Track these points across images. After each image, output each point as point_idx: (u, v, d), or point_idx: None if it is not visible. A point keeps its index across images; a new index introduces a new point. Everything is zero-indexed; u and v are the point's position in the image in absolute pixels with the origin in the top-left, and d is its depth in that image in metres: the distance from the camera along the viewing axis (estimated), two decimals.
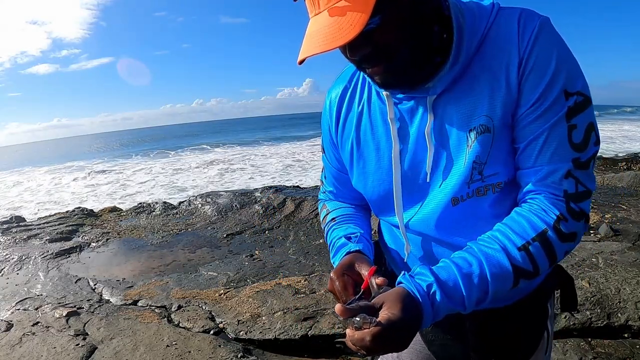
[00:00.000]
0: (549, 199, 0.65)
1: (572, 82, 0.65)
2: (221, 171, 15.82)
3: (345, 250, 0.82)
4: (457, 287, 0.62)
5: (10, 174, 21.74)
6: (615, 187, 5.27)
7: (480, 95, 0.68)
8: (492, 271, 0.63)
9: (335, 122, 0.87)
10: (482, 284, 0.63)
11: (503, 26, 0.67)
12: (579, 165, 0.65)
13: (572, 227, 0.65)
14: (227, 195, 5.92)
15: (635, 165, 7.62)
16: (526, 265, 0.64)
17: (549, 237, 0.64)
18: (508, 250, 0.64)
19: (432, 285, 0.62)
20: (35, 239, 4.77)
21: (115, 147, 41.59)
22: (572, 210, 0.65)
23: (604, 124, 28.22)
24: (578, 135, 0.64)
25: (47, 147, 71.75)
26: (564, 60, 0.65)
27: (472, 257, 0.64)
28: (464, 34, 0.67)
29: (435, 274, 0.63)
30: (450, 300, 0.62)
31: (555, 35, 0.66)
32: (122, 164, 22.22)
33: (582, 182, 0.65)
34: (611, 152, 12.83)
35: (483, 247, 0.65)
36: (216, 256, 4.02)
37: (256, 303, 2.76)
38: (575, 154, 0.64)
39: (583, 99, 0.65)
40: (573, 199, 0.65)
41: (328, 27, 0.60)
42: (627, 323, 2.16)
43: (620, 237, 3.36)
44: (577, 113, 0.64)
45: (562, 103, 0.64)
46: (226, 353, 2.24)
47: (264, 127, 66.04)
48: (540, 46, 0.64)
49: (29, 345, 2.44)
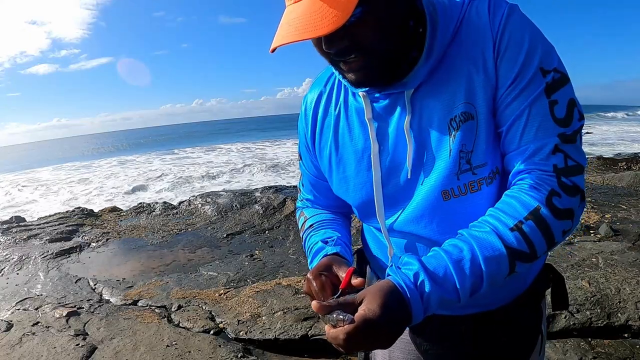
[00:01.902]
0: (538, 176, 0.63)
1: (547, 60, 0.64)
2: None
3: (322, 253, 0.79)
4: (448, 274, 0.58)
5: (10, 174, 21.72)
6: (615, 187, 5.27)
7: (458, 84, 0.67)
8: (485, 254, 0.59)
9: (312, 128, 0.84)
10: (474, 269, 0.59)
11: (474, 15, 0.68)
12: (565, 139, 0.63)
13: (566, 203, 0.61)
14: (227, 195, 5.92)
15: (635, 165, 7.62)
16: (521, 247, 0.60)
17: (543, 215, 0.60)
18: (499, 232, 0.60)
19: (419, 274, 0.58)
20: (35, 239, 4.77)
21: (110, 150, 40.17)
22: (564, 184, 0.62)
23: (602, 124, 28.20)
24: (560, 110, 0.63)
25: (47, 147, 71.65)
26: (537, 39, 0.65)
27: (462, 242, 0.61)
28: (438, 27, 0.67)
29: (422, 263, 0.59)
30: (442, 289, 0.58)
31: (524, 17, 0.67)
32: (122, 164, 22.21)
33: (571, 156, 0.63)
34: (611, 152, 12.82)
35: (473, 231, 0.62)
36: (216, 256, 4.02)
37: (256, 303, 2.76)
38: (560, 129, 0.63)
39: (560, 75, 0.64)
40: (564, 173, 0.62)
41: (311, 14, 0.57)
42: (627, 323, 2.16)
43: (620, 237, 3.36)
44: (557, 89, 0.64)
45: (540, 80, 0.64)
46: (226, 353, 2.24)
47: (263, 127, 65.68)
48: (512, 26, 0.65)
49: (29, 345, 2.44)
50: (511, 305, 0.80)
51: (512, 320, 0.80)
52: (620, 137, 19.86)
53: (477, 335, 0.81)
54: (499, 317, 0.80)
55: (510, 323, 0.81)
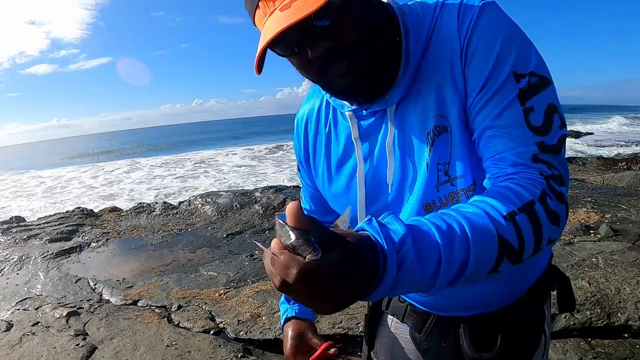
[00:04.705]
0: (528, 177, 0.58)
1: (522, 63, 0.60)
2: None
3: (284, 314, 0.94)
4: (433, 248, 0.46)
5: (10, 174, 21.74)
6: (615, 187, 5.27)
7: (429, 96, 0.66)
8: (478, 244, 0.48)
9: (305, 147, 0.85)
10: (464, 253, 0.48)
11: (445, 21, 0.65)
12: (545, 148, 0.59)
13: (556, 207, 0.56)
14: (227, 195, 5.92)
15: (635, 165, 7.63)
16: (512, 237, 0.51)
17: (537, 210, 0.54)
18: (493, 218, 0.51)
19: (406, 242, 0.44)
20: (35, 239, 4.77)
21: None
22: (553, 188, 0.57)
23: (603, 125, 28.23)
24: (537, 117, 0.59)
25: (47, 147, 71.52)
26: (511, 41, 0.61)
27: (451, 218, 0.50)
28: (409, 36, 0.65)
29: (409, 227, 0.46)
30: (421, 266, 0.44)
31: (498, 17, 0.62)
32: (121, 163, 22.21)
33: (554, 166, 0.59)
34: (611, 152, 12.82)
35: (463, 211, 0.52)
36: (216, 256, 4.02)
37: (256, 303, 2.76)
38: (537, 137, 0.59)
39: (538, 79, 0.60)
40: (551, 178, 0.58)
41: (287, 12, 0.55)
42: (627, 323, 2.16)
43: (620, 237, 3.36)
44: (532, 95, 0.60)
45: (513, 85, 0.60)
46: (226, 353, 2.24)
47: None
48: (481, 30, 0.61)
49: (29, 345, 2.44)
50: (513, 305, 0.79)
51: (514, 320, 0.80)
52: (620, 137, 19.88)
53: (477, 335, 0.81)
54: (500, 317, 0.79)
55: (512, 323, 0.80)
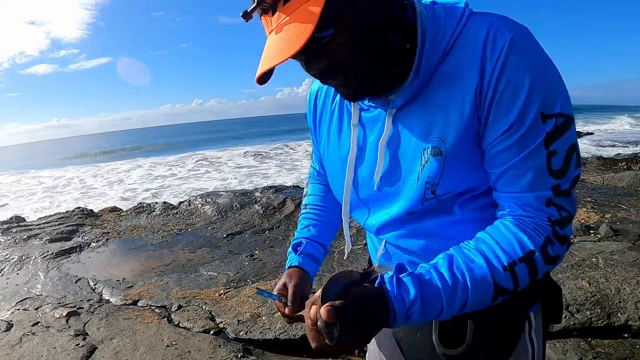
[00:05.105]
0: (536, 223, 0.63)
1: (550, 104, 0.59)
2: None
3: (289, 261, 0.96)
4: (436, 306, 0.59)
5: (10, 174, 21.74)
6: (615, 187, 5.27)
7: (436, 115, 0.65)
8: (475, 295, 0.60)
9: (313, 119, 0.90)
10: (462, 303, 0.60)
11: (470, 39, 0.62)
12: (558, 193, 0.62)
13: (557, 251, 0.63)
14: (227, 195, 5.92)
15: (635, 165, 7.62)
16: (508, 286, 0.62)
17: (536, 259, 0.62)
18: (493, 268, 0.61)
19: (415, 304, 0.58)
20: (35, 239, 4.77)
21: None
22: (557, 234, 0.63)
23: (603, 125, 28.21)
24: (558, 161, 0.61)
25: (47, 147, 71.44)
26: (540, 80, 0.59)
27: (457, 270, 0.61)
28: (425, 45, 0.63)
29: (420, 289, 0.59)
30: (425, 316, 0.59)
31: (529, 51, 0.60)
32: (121, 164, 22.22)
33: (565, 208, 0.63)
34: (611, 152, 12.82)
35: (468, 261, 0.62)
36: (216, 256, 4.02)
37: (256, 303, 2.76)
38: (554, 181, 0.61)
39: (564, 120, 0.60)
40: (558, 223, 0.63)
41: (277, 40, 0.59)
42: (627, 323, 2.16)
43: (620, 237, 3.36)
44: (557, 137, 0.60)
45: (539, 129, 0.59)
46: (226, 353, 2.24)
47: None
48: (510, 68, 0.59)
49: (29, 345, 2.44)
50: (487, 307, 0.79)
51: (486, 320, 0.77)
52: (620, 137, 19.88)
53: (446, 330, 0.80)
54: (471, 316, 0.77)
55: (483, 323, 0.77)
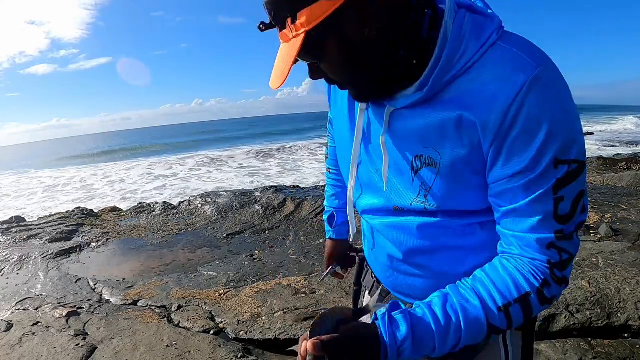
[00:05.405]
0: (535, 265, 0.63)
1: (566, 150, 0.57)
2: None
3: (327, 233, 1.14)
4: (429, 345, 0.61)
5: (10, 174, 21.73)
6: (615, 187, 5.27)
7: (435, 128, 0.64)
8: (468, 334, 0.62)
9: (329, 92, 0.92)
10: (455, 342, 0.62)
11: (488, 68, 0.59)
12: (562, 237, 0.61)
13: (554, 292, 0.63)
14: (227, 195, 5.92)
15: (635, 165, 7.62)
16: (502, 325, 0.63)
17: (531, 301, 0.62)
18: (487, 310, 0.62)
19: (406, 342, 0.59)
20: (35, 239, 4.77)
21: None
22: (556, 276, 0.63)
23: (603, 125, 28.20)
24: (565, 207, 0.60)
25: (47, 147, 71.35)
26: (559, 127, 0.57)
27: (451, 309, 0.62)
28: (440, 63, 0.60)
29: (412, 327, 0.60)
30: (416, 354, 0.61)
31: (551, 93, 0.57)
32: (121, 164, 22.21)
33: (566, 250, 0.62)
34: (611, 152, 12.81)
35: (463, 301, 0.63)
36: (216, 256, 4.02)
37: (256, 303, 2.76)
38: (559, 226, 0.60)
39: (577, 166, 0.58)
40: (557, 266, 0.63)
41: (276, 65, 0.64)
42: (627, 323, 2.16)
43: (620, 237, 3.36)
44: (568, 184, 0.58)
45: (551, 174, 0.58)
46: (226, 353, 2.24)
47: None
48: (529, 109, 0.56)
49: (29, 345, 2.44)
50: None
51: None
52: (620, 137, 19.87)
53: None
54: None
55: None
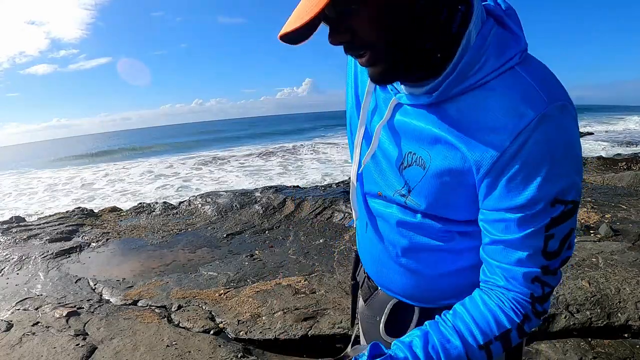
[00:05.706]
0: (517, 299, 0.64)
1: (566, 192, 0.58)
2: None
3: None
4: None
5: (10, 174, 21.74)
6: (615, 187, 5.27)
7: (434, 139, 0.64)
8: None
9: (350, 69, 0.88)
10: None
11: (498, 93, 0.58)
12: (546, 272, 0.62)
13: (533, 325, 0.65)
14: (227, 195, 5.92)
15: (635, 165, 7.62)
16: None
17: (511, 337, 0.64)
18: (469, 346, 0.63)
19: None
20: (35, 239, 4.77)
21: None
22: (536, 311, 0.64)
23: (603, 125, 28.20)
24: (554, 244, 0.61)
25: (47, 147, 71.26)
26: (561, 170, 0.57)
27: (432, 350, 0.63)
28: (456, 71, 0.59)
29: None
30: None
31: (558, 133, 0.55)
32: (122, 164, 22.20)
33: (549, 284, 0.63)
34: (611, 152, 12.81)
35: (444, 341, 0.64)
36: (216, 256, 4.02)
37: (256, 303, 2.76)
38: (545, 261, 0.62)
39: (572, 207, 0.59)
40: (539, 300, 0.64)
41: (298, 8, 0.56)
42: (627, 323, 2.16)
43: (620, 237, 3.36)
44: (560, 223, 0.59)
45: (547, 212, 0.58)
46: (226, 353, 2.24)
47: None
48: (533, 146, 0.55)
49: (29, 345, 2.44)
50: (435, 306, 0.79)
51: (436, 309, 0.77)
52: (620, 137, 19.87)
53: (393, 321, 0.84)
54: (418, 310, 0.81)
55: (432, 311, 0.77)
